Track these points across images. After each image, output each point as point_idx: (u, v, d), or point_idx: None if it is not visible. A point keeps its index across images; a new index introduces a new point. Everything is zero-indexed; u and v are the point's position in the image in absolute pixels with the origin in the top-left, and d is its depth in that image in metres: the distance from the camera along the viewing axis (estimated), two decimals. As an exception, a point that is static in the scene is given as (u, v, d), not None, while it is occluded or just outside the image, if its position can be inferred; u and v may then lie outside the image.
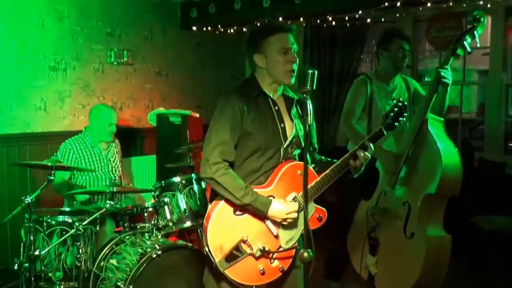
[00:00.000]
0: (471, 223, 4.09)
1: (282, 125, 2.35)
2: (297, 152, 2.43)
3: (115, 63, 5.12)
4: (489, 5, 4.36)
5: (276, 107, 2.36)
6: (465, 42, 2.94)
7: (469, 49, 2.96)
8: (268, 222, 2.28)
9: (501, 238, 4.00)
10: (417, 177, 2.95)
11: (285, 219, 2.25)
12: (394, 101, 2.49)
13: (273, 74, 2.32)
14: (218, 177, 2.21)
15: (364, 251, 3.00)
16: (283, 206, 2.24)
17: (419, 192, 2.90)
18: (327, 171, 2.33)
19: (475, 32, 2.93)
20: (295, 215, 2.26)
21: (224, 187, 2.21)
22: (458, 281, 3.69)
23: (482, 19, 2.93)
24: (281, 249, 2.29)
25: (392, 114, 2.46)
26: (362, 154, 2.32)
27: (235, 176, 2.25)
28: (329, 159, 2.49)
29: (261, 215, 2.25)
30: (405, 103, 2.48)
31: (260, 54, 2.31)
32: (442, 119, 3.06)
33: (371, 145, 2.36)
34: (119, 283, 2.99)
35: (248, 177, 2.31)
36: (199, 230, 3.61)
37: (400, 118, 2.46)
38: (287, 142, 2.35)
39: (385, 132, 2.44)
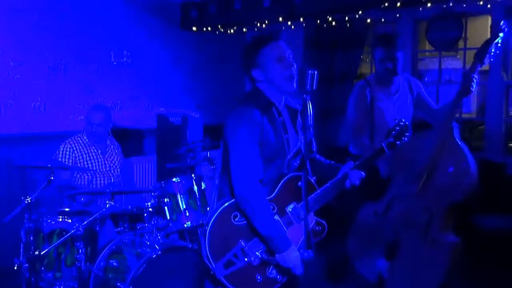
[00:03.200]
0: (471, 223, 4.09)
1: (286, 136, 2.34)
2: (298, 163, 2.43)
3: (115, 63, 5.12)
4: (489, 5, 4.36)
5: (281, 118, 2.35)
6: (491, 53, 3.00)
7: (492, 59, 3.02)
8: None
9: (501, 238, 4.00)
10: (443, 184, 2.93)
11: (289, 268, 2.21)
12: (396, 121, 2.49)
13: (274, 84, 2.31)
14: (253, 198, 2.17)
15: (373, 253, 2.98)
16: (296, 259, 2.18)
17: (445, 199, 2.90)
18: (328, 184, 2.33)
19: (499, 41, 3.00)
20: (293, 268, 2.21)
21: (253, 210, 2.17)
22: (458, 281, 3.69)
23: (507, 29, 3.02)
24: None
25: (394, 133, 2.46)
26: (357, 175, 2.34)
27: (267, 202, 2.22)
28: (328, 161, 2.52)
29: (274, 250, 2.20)
30: (407, 123, 2.47)
31: (257, 68, 2.31)
32: (458, 124, 3.08)
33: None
34: (119, 284, 2.99)
35: None
36: (199, 231, 3.62)
37: (402, 138, 2.45)
38: (291, 153, 2.35)
39: (386, 150, 2.44)
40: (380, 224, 3.01)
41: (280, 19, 4.89)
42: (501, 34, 3.00)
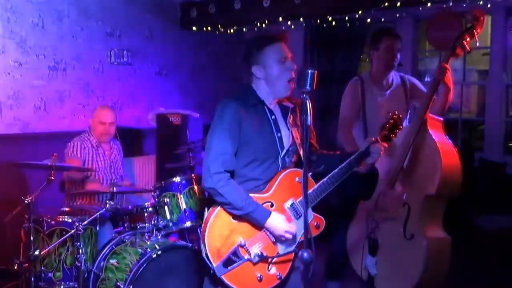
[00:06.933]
0: (471, 223, 4.09)
1: (279, 134, 2.34)
2: (293, 160, 2.44)
3: (115, 63, 5.12)
4: (489, 5, 4.37)
5: (273, 116, 2.35)
6: (464, 42, 2.95)
7: (467, 48, 2.97)
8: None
9: (501, 238, 4.00)
10: (417, 178, 2.95)
11: (280, 235, 2.25)
12: (390, 114, 2.54)
13: (272, 86, 2.32)
14: (220, 187, 2.20)
15: (364, 251, 3.00)
16: (281, 222, 2.24)
17: (419, 193, 2.90)
18: (325, 178, 2.34)
19: (474, 31, 2.93)
20: (290, 236, 2.25)
21: (225, 198, 2.20)
22: (458, 281, 3.69)
23: (481, 18, 2.93)
24: (279, 255, 2.28)
25: (388, 126, 2.50)
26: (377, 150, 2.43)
27: (237, 186, 2.24)
28: (331, 152, 2.55)
29: (259, 225, 2.25)
30: (400, 116, 2.53)
31: (258, 65, 2.31)
32: (442, 119, 3.05)
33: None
34: (119, 283, 2.99)
35: (246, 184, 2.30)
36: (199, 230, 3.62)
37: (395, 130, 2.52)
38: (284, 151, 2.35)
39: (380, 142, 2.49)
40: (369, 222, 3.03)
41: (280, 19, 4.90)
42: (475, 22, 2.92)
